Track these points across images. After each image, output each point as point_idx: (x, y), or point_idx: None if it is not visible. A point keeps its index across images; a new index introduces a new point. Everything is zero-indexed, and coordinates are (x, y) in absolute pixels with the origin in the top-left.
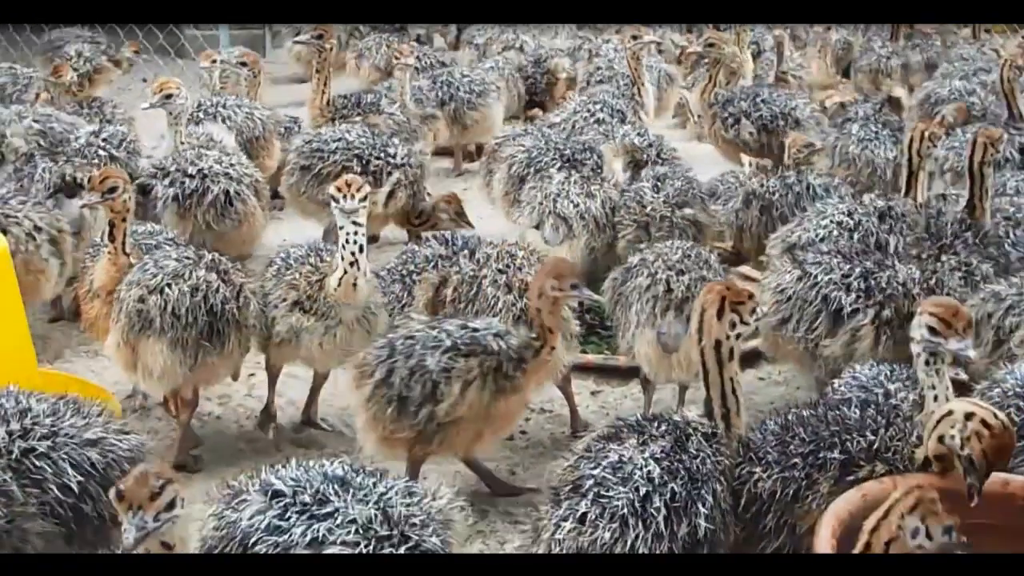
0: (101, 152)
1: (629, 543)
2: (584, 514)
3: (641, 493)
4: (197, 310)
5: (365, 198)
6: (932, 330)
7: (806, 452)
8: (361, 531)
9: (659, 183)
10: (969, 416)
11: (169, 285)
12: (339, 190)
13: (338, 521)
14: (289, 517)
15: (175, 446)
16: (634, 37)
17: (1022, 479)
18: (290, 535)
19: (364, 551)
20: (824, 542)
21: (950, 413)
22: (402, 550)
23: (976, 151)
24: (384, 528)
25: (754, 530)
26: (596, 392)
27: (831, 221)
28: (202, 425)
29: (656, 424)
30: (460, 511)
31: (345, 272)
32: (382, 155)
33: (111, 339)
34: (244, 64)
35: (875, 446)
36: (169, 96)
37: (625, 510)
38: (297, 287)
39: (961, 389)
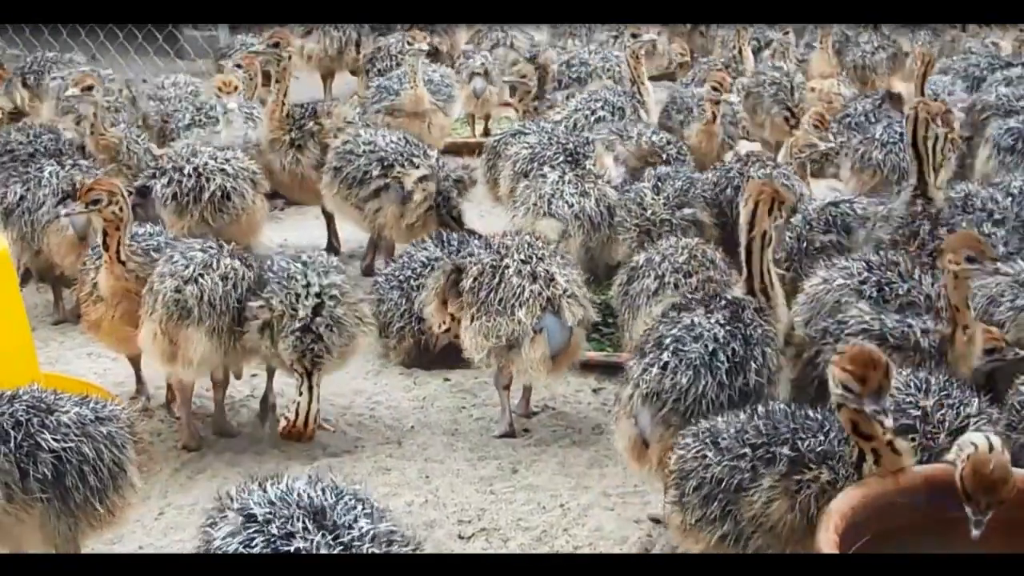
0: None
1: (700, 388)
2: (666, 363)
3: (710, 349)
4: (229, 297)
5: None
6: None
7: (757, 444)
8: None
9: (660, 184)
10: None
11: (202, 275)
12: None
13: None
14: (255, 547)
15: (184, 430)
16: (633, 35)
17: None
18: None
19: None
20: (826, 538)
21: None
22: None
23: (918, 127)
24: None
25: (703, 514)
26: (598, 389)
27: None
28: (205, 427)
29: (717, 299)
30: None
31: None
32: (407, 163)
33: (146, 331)
34: (239, 67)
35: (822, 448)
36: (236, 91)
37: (698, 361)
38: (272, 309)
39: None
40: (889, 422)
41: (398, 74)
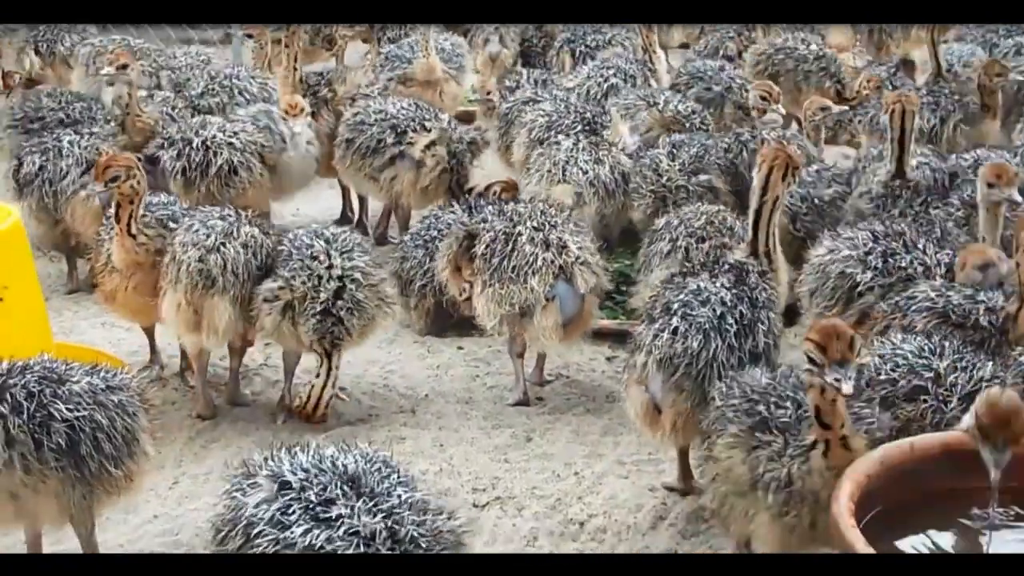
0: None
1: (711, 352)
2: (676, 327)
3: (718, 312)
4: (250, 265)
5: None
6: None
7: (748, 396)
8: (362, 546)
9: (675, 150)
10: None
11: (224, 244)
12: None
13: (340, 531)
14: (292, 513)
15: (199, 399)
16: None
17: None
18: (291, 532)
19: None
20: (842, 506)
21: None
22: None
23: (906, 120)
24: (387, 546)
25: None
26: (611, 357)
27: None
28: (219, 396)
29: (720, 264)
30: (472, 535)
31: None
32: (419, 128)
33: (169, 301)
34: (249, 37)
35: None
36: (303, 113)
37: (707, 325)
38: (293, 290)
39: None
40: (848, 388)
41: (409, 42)
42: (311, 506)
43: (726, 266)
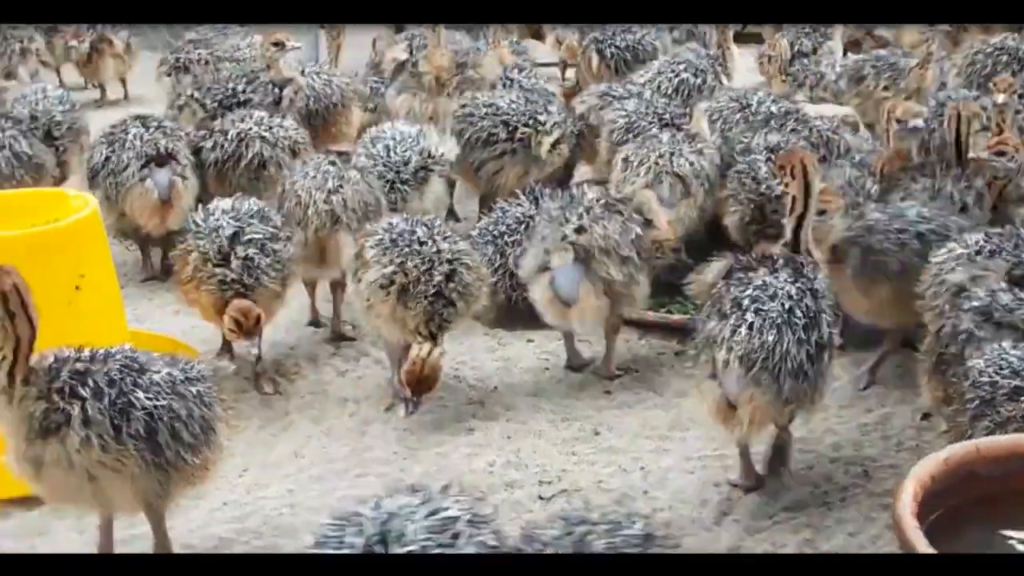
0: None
1: (785, 346)
2: (752, 323)
3: (786, 307)
4: (364, 204)
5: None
6: None
7: None
8: None
9: (772, 156)
10: None
11: (341, 186)
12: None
13: None
14: None
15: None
16: None
17: None
18: None
19: None
20: (905, 506)
21: None
22: None
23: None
24: None
25: None
26: (680, 352)
27: None
28: (288, 393)
29: (776, 258)
30: None
31: None
32: (531, 122)
33: (295, 241)
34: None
35: None
36: None
37: (779, 319)
38: (407, 273)
39: None
40: None
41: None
42: None
43: (781, 260)
